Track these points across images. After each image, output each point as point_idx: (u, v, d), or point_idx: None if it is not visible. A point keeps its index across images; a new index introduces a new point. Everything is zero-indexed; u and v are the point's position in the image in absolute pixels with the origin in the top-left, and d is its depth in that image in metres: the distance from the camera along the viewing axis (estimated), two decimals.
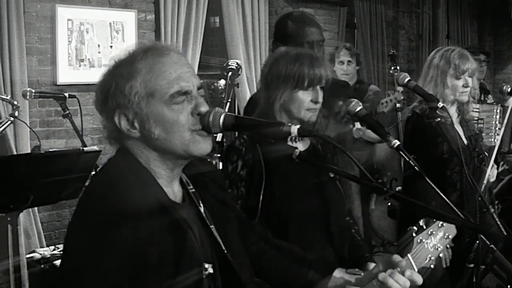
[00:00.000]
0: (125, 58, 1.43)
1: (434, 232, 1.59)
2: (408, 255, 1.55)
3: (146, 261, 1.29)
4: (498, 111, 4.17)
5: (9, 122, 3.47)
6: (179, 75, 1.41)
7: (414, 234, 1.57)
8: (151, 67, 1.40)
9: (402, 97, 2.79)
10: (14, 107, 3.49)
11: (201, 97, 1.45)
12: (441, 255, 1.61)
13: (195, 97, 1.43)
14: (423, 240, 1.58)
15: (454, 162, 2.89)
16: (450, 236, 1.62)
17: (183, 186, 1.52)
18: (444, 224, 1.60)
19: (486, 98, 5.03)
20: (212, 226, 1.49)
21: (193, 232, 1.42)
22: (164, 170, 1.44)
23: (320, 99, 2.12)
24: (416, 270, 1.54)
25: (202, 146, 1.42)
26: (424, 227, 1.59)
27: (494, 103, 4.32)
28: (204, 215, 1.49)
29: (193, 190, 1.52)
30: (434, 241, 1.59)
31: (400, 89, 3.06)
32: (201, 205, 1.51)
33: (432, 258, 1.58)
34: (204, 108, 1.42)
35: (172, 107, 1.39)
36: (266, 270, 1.74)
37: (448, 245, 1.65)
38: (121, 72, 1.41)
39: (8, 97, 3.70)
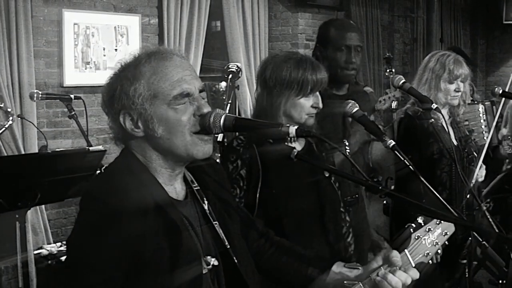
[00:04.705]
0: (130, 61, 1.47)
1: (432, 229, 1.61)
2: (405, 250, 1.57)
3: (141, 256, 1.33)
4: (481, 109, 4.26)
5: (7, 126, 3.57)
6: (181, 78, 1.44)
7: (412, 231, 1.60)
8: (154, 70, 1.43)
9: (400, 94, 2.87)
10: (8, 114, 3.58)
11: (203, 100, 1.47)
12: (439, 251, 1.63)
13: (197, 99, 1.46)
14: (421, 236, 1.60)
15: (444, 162, 2.95)
16: (448, 233, 1.63)
17: (187, 184, 1.54)
18: (442, 222, 1.62)
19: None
20: (215, 223, 1.51)
21: (193, 228, 1.45)
22: (166, 170, 1.47)
23: (321, 105, 2.15)
24: (414, 265, 1.56)
25: (203, 149, 1.46)
26: (422, 224, 1.61)
27: (475, 102, 4.36)
28: (207, 212, 1.52)
29: (197, 188, 1.54)
30: (432, 237, 1.61)
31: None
32: (205, 202, 1.53)
33: (430, 253, 1.60)
34: (206, 109, 1.45)
35: (174, 107, 1.42)
36: (267, 267, 1.76)
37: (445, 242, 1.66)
38: (126, 75, 1.44)
39: (2, 105, 3.78)
